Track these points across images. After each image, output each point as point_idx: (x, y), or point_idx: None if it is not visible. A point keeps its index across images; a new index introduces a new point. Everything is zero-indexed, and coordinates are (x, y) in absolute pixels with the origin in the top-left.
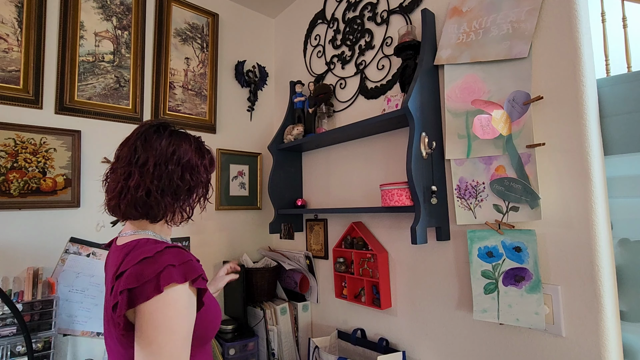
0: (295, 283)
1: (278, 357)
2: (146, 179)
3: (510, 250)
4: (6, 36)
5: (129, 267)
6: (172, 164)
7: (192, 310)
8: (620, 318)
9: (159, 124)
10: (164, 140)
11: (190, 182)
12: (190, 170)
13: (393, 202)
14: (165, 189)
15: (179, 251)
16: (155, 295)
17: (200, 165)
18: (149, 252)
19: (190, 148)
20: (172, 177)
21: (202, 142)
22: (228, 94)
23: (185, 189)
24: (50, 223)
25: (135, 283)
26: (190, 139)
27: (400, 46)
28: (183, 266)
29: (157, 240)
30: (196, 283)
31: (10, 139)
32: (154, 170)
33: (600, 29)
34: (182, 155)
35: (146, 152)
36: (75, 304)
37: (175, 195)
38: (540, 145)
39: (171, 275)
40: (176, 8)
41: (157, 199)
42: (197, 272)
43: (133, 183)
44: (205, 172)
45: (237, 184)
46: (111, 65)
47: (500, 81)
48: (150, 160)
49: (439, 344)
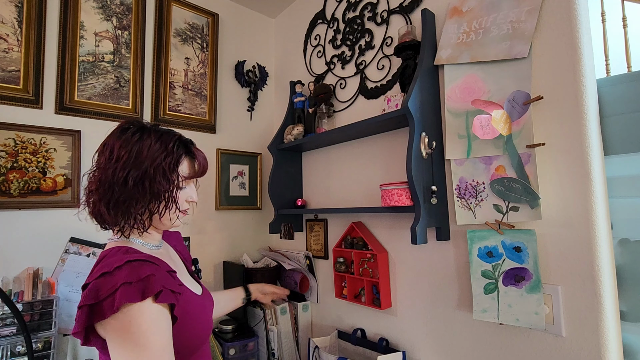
0: (295, 283)
1: (278, 357)
2: (94, 182)
3: (510, 250)
4: (6, 36)
5: (92, 280)
6: (119, 166)
7: (162, 325)
8: (620, 318)
9: (128, 122)
10: (120, 140)
11: (135, 192)
12: (138, 177)
13: (393, 202)
14: (104, 193)
15: (140, 266)
16: (111, 315)
17: (158, 169)
18: (109, 266)
19: (148, 150)
20: (114, 181)
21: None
22: (228, 94)
23: (132, 200)
24: (50, 223)
25: (94, 299)
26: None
27: (400, 46)
28: (140, 283)
29: (130, 249)
30: (161, 298)
31: (10, 139)
32: (100, 173)
33: (600, 29)
34: (131, 159)
35: (101, 152)
36: (75, 304)
37: (114, 203)
38: (540, 145)
39: (126, 294)
40: (176, 8)
41: (105, 211)
42: (156, 288)
43: (87, 190)
44: (165, 178)
45: (237, 184)
46: (111, 65)
47: (500, 81)
48: (100, 161)
49: (439, 344)
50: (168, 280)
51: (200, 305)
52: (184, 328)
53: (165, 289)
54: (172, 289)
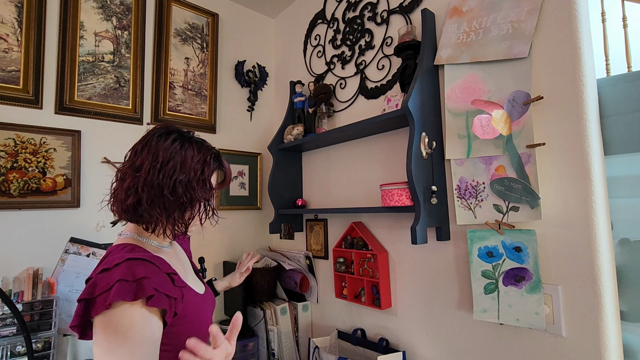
0: (295, 283)
1: (278, 357)
2: (138, 185)
3: (510, 250)
4: (6, 36)
5: (94, 275)
6: (165, 175)
7: (145, 332)
8: (621, 318)
9: (168, 128)
10: (165, 145)
11: (182, 198)
12: (183, 183)
13: (393, 202)
14: (156, 199)
15: (141, 265)
16: (103, 311)
17: (199, 178)
18: (110, 263)
19: (192, 159)
20: (163, 188)
21: (212, 153)
22: (228, 94)
23: (178, 204)
24: (50, 223)
25: (91, 294)
26: (196, 147)
27: (400, 46)
28: (135, 283)
29: (136, 247)
30: (152, 302)
31: (10, 139)
32: (146, 177)
33: (600, 29)
34: (178, 166)
35: (143, 156)
36: (75, 304)
37: (166, 208)
38: (541, 145)
39: (120, 291)
40: (176, 8)
41: (146, 209)
42: (148, 292)
43: (125, 186)
44: (203, 186)
45: (237, 184)
46: (111, 65)
47: (500, 81)
48: (144, 166)
49: (439, 344)
50: (164, 284)
51: (201, 305)
52: (184, 327)
53: (159, 293)
54: (168, 293)
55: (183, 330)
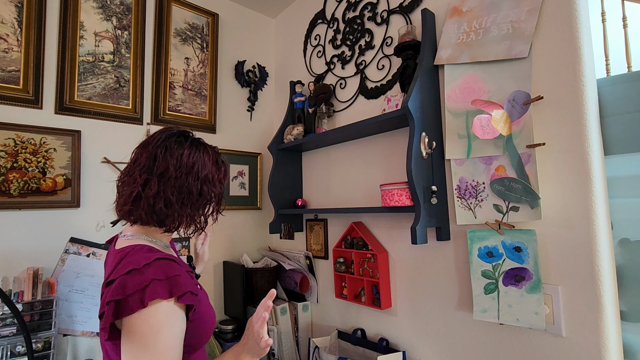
0: (295, 283)
1: (278, 357)
2: (166, 189)
3: (510, 250)
4: (6, 36)
5: (118, 276)
6: (192, 177)
7: (176, 327)
8: (621, 318)
9: (180, 132)
10: (185, 150)
11: (207, 195)
12: (207, 183)
13: (393, 202)
14: (186, 200)
15: (168, 264)
16: (139, 310)
17: (216, 178)
18: (137, 263)
19: (209, 161)
20: (192, 190)
21: (219, 154)
22: (228, 94)
23: (203, 202)
24: (50, 223)
25: (121, 295)
26: (209, 150)
27: (400, 46)
28: (169, 281)
29: (152, 247)
30: (182, 299)
31: (10, 139)
32: (175, 182)
33: (600, 29)
34: (201, 168)
35: (166, 161)
36: (75, 304)
37: (193, 207)
38: (540, 145)
39: (156, 290)
40: (176, 8)
41: (176, 210)
42: (183, 289)
43: (152, 192)
44: (220, 185)
45: (237, 184)
46: (111, 65)
47: (500, 81)
48: (170, 170)
49: (439, 344)
50: (190, 281)
51: (206, 300)
52: (194, 327)
53: (187, 290)
54: (192, 290)
55: (195, 326)
